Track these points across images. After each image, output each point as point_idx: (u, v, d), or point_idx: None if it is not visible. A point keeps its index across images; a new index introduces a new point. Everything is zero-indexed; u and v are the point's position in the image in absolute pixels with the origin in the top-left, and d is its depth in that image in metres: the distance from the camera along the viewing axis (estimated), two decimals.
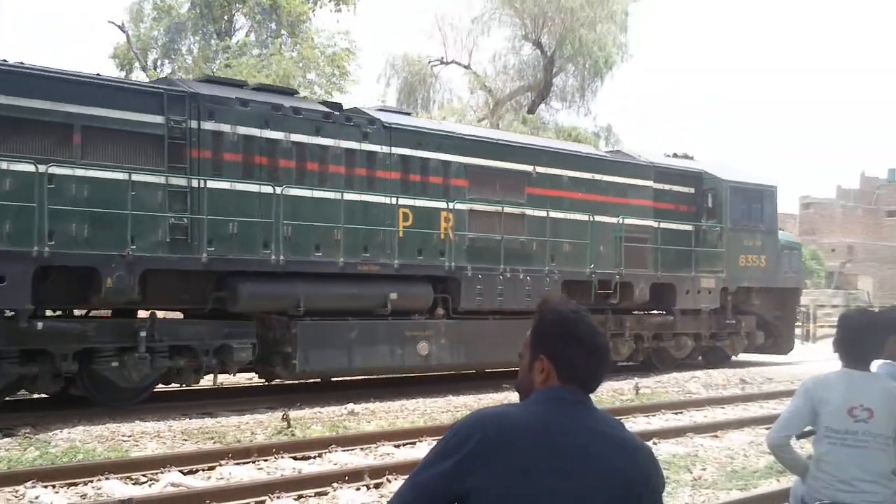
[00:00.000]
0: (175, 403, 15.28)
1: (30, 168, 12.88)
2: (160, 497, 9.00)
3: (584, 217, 19.78)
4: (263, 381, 17.22)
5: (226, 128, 15.13)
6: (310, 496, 9.35)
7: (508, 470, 2.49)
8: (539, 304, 2.79)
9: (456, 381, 19.44)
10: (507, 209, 18.59)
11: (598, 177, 20.55)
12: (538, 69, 44.41)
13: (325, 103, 17.63)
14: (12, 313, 13.00)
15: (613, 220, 20.36)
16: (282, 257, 15.33)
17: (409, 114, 20.84)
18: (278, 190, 15.26)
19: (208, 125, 14.93)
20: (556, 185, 19.72)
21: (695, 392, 18.95)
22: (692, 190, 22.63)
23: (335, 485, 9.59)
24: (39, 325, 13.30)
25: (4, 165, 12.84)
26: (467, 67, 45.38)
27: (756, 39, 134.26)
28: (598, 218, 19.94)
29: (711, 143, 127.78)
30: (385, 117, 17.59)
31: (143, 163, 14.20)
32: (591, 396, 2.72)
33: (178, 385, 15.80)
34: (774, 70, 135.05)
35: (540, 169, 19.44)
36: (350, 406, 15.28)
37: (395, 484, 9.50)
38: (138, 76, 34.42)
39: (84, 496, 9.35)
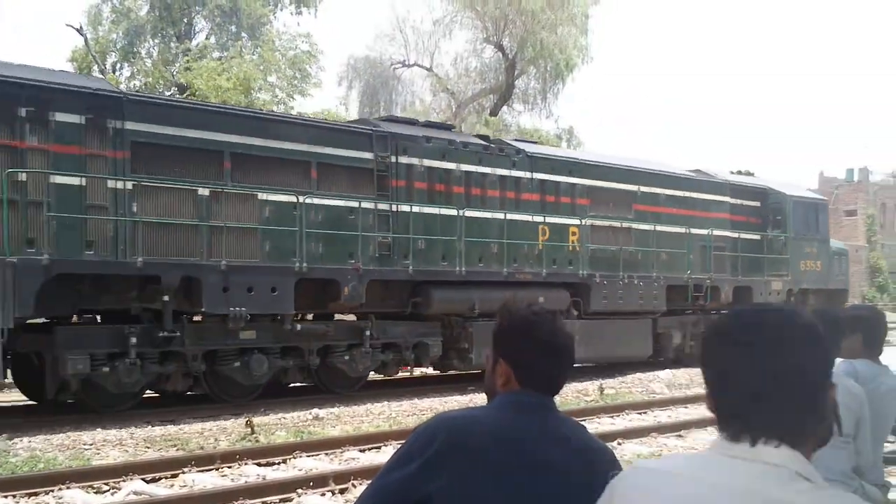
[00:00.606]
0: (137, 411, 15.12)
1: (291, 198, 16.02)
2: None
3: (680, 230, 23.00)
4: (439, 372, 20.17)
5: (415, 161, 18.23)
6: (274, 502, 9.28)
7: (470, 473, 2.47)
8: (500, 307, 2.77)
9: (422, 384, 19.44)
10: (616, 223, 21.78)
11: (687, 194, 23.73)
12: (500, 72, 44.52)
13: (478, 136, 21.37)
14: (279, 317, 15.91)
15: (703, 231, 23.59)
16: (463, 268, 18.32)
17: (535, 142, 24.66)
18: (460, 212, 18.42)
19: (403, 159, 18.03)
20: (655, 202, 22.85)
21: (658, 392, 19.05)
22: (759, 203, 25.99)
23: (300, 491, 9.53)
24: (299, 326, 16.31)
25: (271, 196, 15.92)
26: (429, 70, 45.42)
27: (715, 44, 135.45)
28: (688, 230, 23.28)
29: (671, 145, 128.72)
30: (527, 147, 20.98)
31: (358, 192, 17.25)
32: (556, 397, 2.70)
33: (382, 376, 19.03)
34: (734, 74, 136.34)
35: (643, 188, 22.62)
36: (315, 411, 15.20)
37: (360, 489, 9.44)
38: None
39: None
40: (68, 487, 9.64)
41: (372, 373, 18.46)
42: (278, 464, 11.29)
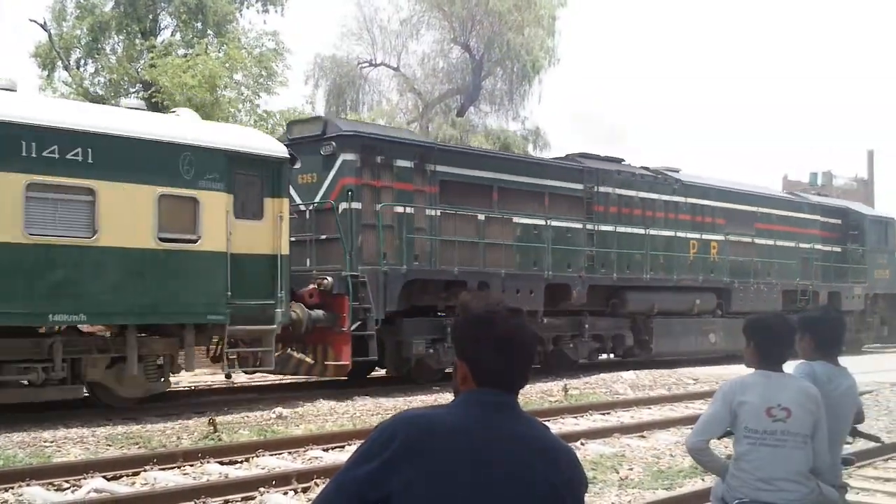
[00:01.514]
0: (99, 409, 15.00)
1: (536, 221, 21.20)
2: (83, 503, 8.83)
3: (790, 244, 28.42)
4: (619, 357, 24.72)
5: (610, 190, 23.24)
6: (236, 501, 9.24)
7: (430, 472, 2.47)
8: (458, 304, 2.77)
9: (385, 383, 19.43)
10: (745, 239, 26.98)
11: (791, 213, 29.28)
12: (467, 72, 44.61)
13: (643, 167, 25.24)
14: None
15: (805, 245, 29.10)
16: (648, 275, 23.60)
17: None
18: (646, 231, 23.63)
19: (602, 189, 23.02)
20: (770, 221, 28.11)
21: (622, 393, 19.16)
22: (839, 221, 31.43)
23: (262, 489, 9.49)
24: (545, 320, 20.73)
25: (522, 220, 20.98)
26: (396, 69, 45.42)
27: (679, 46, 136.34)
28: (798, 244, 28.72)
29: (637, 147, 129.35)
30: (681, 177, 25.71)
31: (573, 215, 22.26)
32: (518, 398, 2.69)
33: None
34: (698, 77, 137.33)
35: (762, 209, 27.93)
36: (278, 410, 15.16)
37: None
38: (60, 75, 33.77)
39: (5, 503, 9.12)
40: (28, 485, 9.55)
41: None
42: (241, 462, 11.25)
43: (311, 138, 18.36)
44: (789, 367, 4.99)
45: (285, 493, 9.55)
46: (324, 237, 17.94)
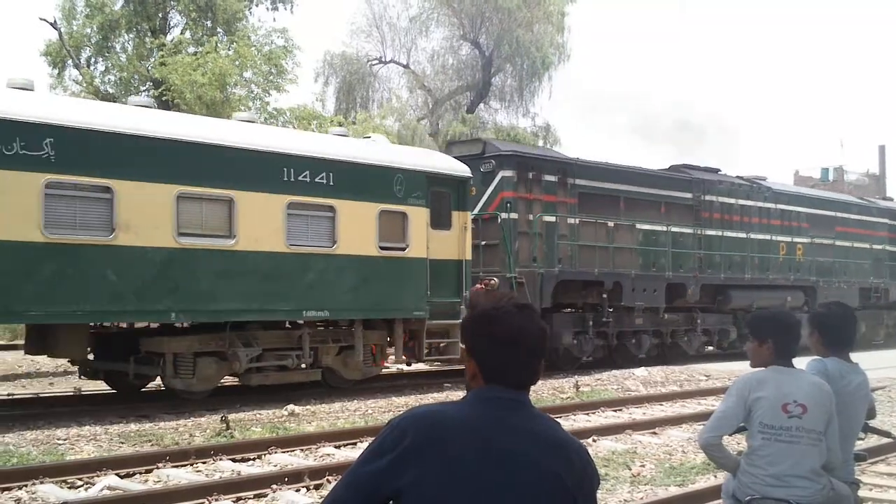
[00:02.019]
0: (112, 406, 15.05)
1: (655, 227, 23.91)
2: (96, 501, 8.85)
3: (865, 245, 31.07)
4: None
5: (714, 199, 25.85)
6: (249, 498, 9.26)
7: (441, 469, 2.48)
8: (467, 302, 2.77)
9: (397, 380, 19.44)
10: (827, 241, 29.29)
11: (864, 217, 31.64)
12: (476, 69, 44.57)
13: (738, 177, 27.82)
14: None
15: (879, 246, 31.87)
16: (748, 275, 26.43)
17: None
18: (748, 235, 26.51)
19: (707, 197, 25.57)
20: (847, 224, 30.56)
21: (634, 389, 19.13)
22: None
23: (274, 486, 9.50)
24: (666, 315, 23.93)
25: (643, 226, 23.60)
26: (406, 67, 45.42)
27: (689, 40, 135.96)
28: (871, 246, 31.46)
29: (647, 141, 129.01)
30: (772, 185, 28.36)
31: (685, 222, 24.84)
32: (530, 395, 2.69)
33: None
34: (707, 71, 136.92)
35: (840, 214, 30.45)
36: (290, 407, 15.17)
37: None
38: (71, 74, 33.84)
39: (19, 501, 9.15)
40: (41, 482, 9.58)
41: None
42: (253, 459, 11.27)
43: (471, 157, 20.66)
44: (801, 363, 4.99)
45: (297, 491, 9.57)
46: (483, 242, 20.41)
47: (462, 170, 18.99)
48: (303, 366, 16.71)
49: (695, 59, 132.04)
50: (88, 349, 15.53)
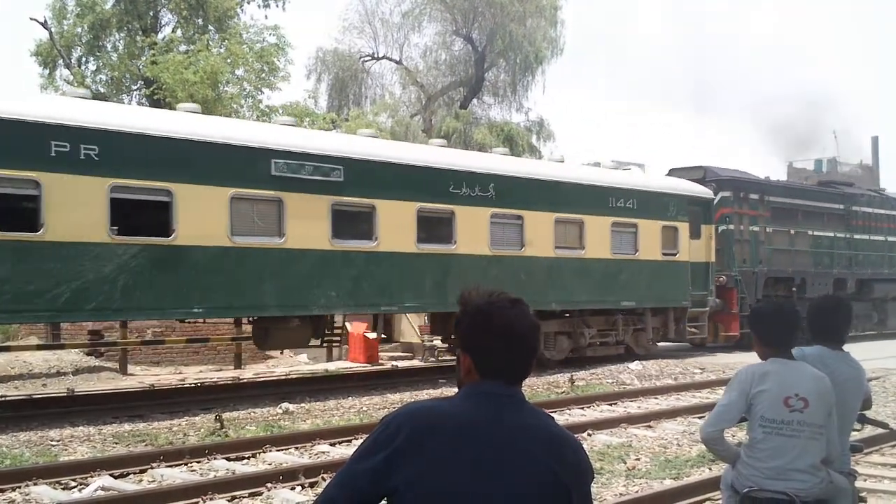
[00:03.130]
0: (105, 406, 15.02)
1: (826, 234, 29.78)
2: (90, 501, 8.81)
3: None
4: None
5: (858, 209, 31.29)
6: (243, 497, 9.24)
7: (435, 464, 2.47)
8: (459, 297, 2.75)
9: (391, 377, 19.43)
10: None
11: None
12: (469, 64, 44.52)
13: (870, 189, 34.20)
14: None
15: None
16: (887, 270, 32.16)
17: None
18: (888, 238, 32.32)
19: (854, 208, 31.00)
20: None
21: (628, 383, 19.13)
22: None
23: (269, 485, 9.49)
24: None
25: (815, 233, 29.32)
26: (399, 63, 45.33)
27: (681, 32, 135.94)
28: None
29: (641, 135, 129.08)
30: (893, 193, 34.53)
31: (839, 229, 30.21)
32: (525, 389, 2.68)
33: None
34: (700, 64, 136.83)
35: None
36: (285, 405, 15.16)
37: None
38: (62, 73, 33.74)
39: (12, 502, 9.12)
40: (35, 483, 9.56)
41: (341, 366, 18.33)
42: (248, 458, 11.25)
43: (693, 181, 25.47)
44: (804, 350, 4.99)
45: (293, 489, 9.55)
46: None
47: (709, 193, 25.20)
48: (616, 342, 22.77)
49: (682, 52, 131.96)
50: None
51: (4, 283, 12.98)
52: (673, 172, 26.84)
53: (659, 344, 24.88)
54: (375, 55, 45.28)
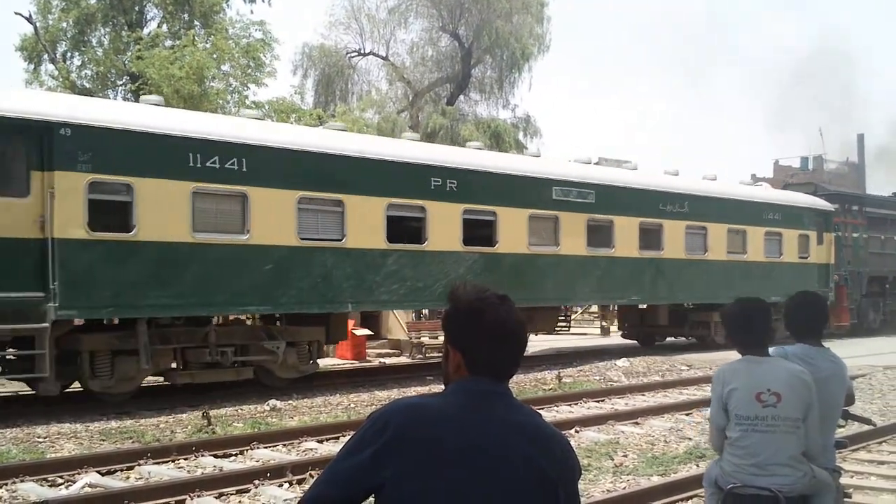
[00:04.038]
0: (92, 403, 14.96)
1: None
2: (77, 498, 8.79)
3: None
4: None
5: None
6: (231, 493, 9.22)
7: (422, 461, 2.47)
8: (448, 294, 2.74)
9: (379, 374, 19.43)
10: None
11: None
12: (456, 60, 44.50)
13: None
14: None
15: None
16: None
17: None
18: None
19: None
20: None
21: (616, 380, 19.18)
22: None
23: (257, 482, 9.48)
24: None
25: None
26: (385, 59, 45.27)
27: (667, 31, 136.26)
28: None
29: (628, 136, 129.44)
30: None
31: None
32: (512, 386, 2.68)
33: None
34: (685, 62, 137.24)
35: None
36: (272, 402, 15.13)
37: None
38: (47, 68, 33.59)
39: None
40: (22, 481, 9.53)
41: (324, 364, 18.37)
42: (236, 455, 11.24)
43: (807, 194, 30.12)
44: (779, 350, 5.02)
45: (280, 486, 9.54)
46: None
47: (830, 206, 29.59)
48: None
49: (667, 49, 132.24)
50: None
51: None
52: (788, 187, 32.86)
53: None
54: (362, 51, 45.23)
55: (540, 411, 2.76)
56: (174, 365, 15.64)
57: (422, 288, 18.20)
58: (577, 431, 12.44)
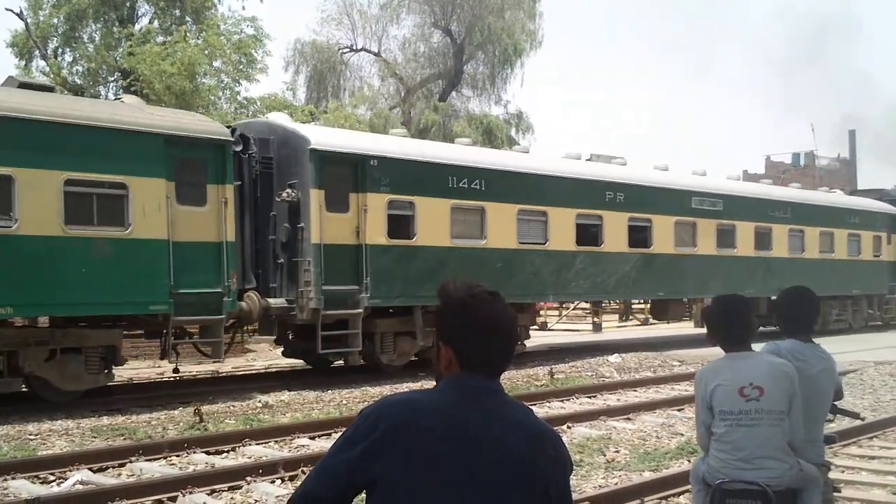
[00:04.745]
0: (84, 400, 14.93)
1: None
2: (68, 495, 8.77)
3: None
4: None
5: None
6: (223, 490, 9.22)
7: (414, 457, 2.47)
8: (438, 290, 2.74)
9: (372, 371, 19.42)
10: None
11: None
12: (448, 56, 44.47)
13: None
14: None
15: None
16: None
17: None
18: None
19: None
20: None
21: (608, 376, 19.20)
22: None
23: (249, 478, 9.47)
24: None
25: None
26: (377, 55, 45.23)
27: (657, 26, 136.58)
28: None
29: (620, 132, 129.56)
30: None
31: None
32: (505, 382, 2.69)
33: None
34: (677, 58, 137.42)
35: None
36: (264, 399, 15.12)
37: None
38: (38, 64, 33.48)
39: None
40: (13, 478, 9.51)
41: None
42: (227, 452, 11.23)
43: (875, 199, 33.58)
44: (757, 348, 5.02)
45: (272, 482, 9.54)
46: None
47: None
48: None
49: (660, 46, 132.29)
50: None
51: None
52: (855, 193, 36.25)
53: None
54: (354, 47, 45.19)
55: (532, 407, 2.76)
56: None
57: (599, 283, 22.53)
58: (569, 427, 12.46)
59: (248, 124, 19.20)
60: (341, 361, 18.85)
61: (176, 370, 16.69)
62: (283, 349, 20.03)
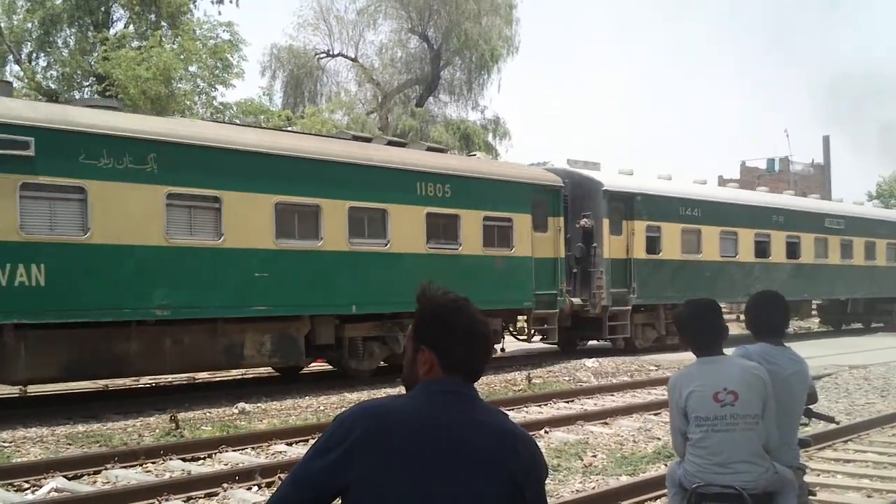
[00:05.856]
0: (58, 407, 14.83)
1: None
2: (43, 503, 8.71)
3: None
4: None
5: None
6: (199, 497, 9.17)
7: (389, 462, 2.47)
8: (418, 295, 2.74)
9: (349, 377, 19.38)
10: None
11: None
12: (425, 62, 44.51)
13: None
14: None
15: None
16: None
17: None
18: None
19: None
20: None
21: (585, 380, 19.24)
22: None
23: (226, 485, 9.43)
24: None
25: None
26: (354, 60, 45.21)
27: (635, 34, 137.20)
28: None
29: (594, 137, 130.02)
30: None
31: None
32: (482, 387, 2.69)
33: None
34: (653, 66, 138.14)
35: None
36: (241, 405, 15.06)
37: None
38: (11, 69, 33.25)
39: None
40: None
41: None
42: (204, 459, 11.17)
43: None
44: (728, 351, 5.04)
45: (249, 489, 9.50)
46: None
47: None
48: None
49: (636, 52, 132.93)
50: None
51: None
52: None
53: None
54: (331, 52, 45.17)
55: (510, 412, 2.77)
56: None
57: (697, 287, 25.30)
58: (546, 432, 12.47)
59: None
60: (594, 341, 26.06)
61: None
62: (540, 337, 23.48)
